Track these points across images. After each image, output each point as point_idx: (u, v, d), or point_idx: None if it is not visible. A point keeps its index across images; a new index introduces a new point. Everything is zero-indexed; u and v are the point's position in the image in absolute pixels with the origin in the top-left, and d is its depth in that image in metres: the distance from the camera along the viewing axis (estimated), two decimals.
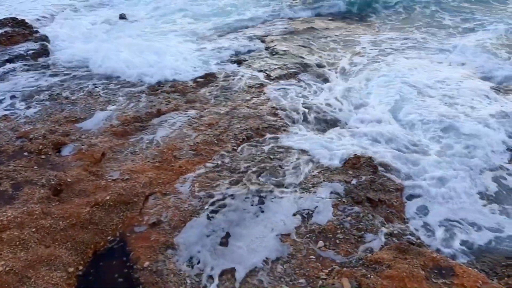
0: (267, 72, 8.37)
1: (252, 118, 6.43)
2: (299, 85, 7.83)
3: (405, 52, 9.57)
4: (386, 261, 3.71)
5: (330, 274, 3.65)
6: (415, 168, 5.42)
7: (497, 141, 5.93)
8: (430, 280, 3.50)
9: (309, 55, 9.45)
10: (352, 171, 5.26)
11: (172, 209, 4.58)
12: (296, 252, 3.98)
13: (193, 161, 5.41)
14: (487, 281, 3.53)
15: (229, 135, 5.95)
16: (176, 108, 6.83)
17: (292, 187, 4.95)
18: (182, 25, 12.45)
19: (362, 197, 4.76)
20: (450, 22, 12.07)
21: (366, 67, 8.78)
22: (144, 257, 3.95)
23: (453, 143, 5.91)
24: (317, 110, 6.91)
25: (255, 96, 7.30)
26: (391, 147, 5.92)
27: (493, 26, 11.30)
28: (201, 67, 8.78)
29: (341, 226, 4.30)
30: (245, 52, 9.88)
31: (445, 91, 7.44)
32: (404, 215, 4.70)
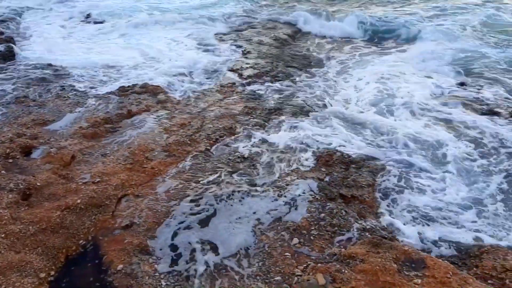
0: (239, 71, 8.37)
1: (225, 118, 6.42)
2: (272, 84, 7.88)
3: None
4: (360, 256, 3.77)
5: (305, 271, 3.68)
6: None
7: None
8: (402, 272, 3.58)
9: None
10: (325, 168, 5.32)
11: (146, 210, 4.52)
12: (272, 249, 4.00)
13: (166, 162, 5.36)
14: (457, 272, 3.63)
15: (202, 135, 5.93)
16: (147, 109, 6.75)
17: (266, 185, 4.97)
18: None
19: (335, 194, 4.82)
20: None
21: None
22: (118, 260, 3.89)
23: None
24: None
25: (228, 95, 7.29)
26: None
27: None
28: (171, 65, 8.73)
29: (315, 223, 4.34)
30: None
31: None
32: (376, 210, 4.78)
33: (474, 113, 6.85)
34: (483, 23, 11.41)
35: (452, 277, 3.51)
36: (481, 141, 6.08)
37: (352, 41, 10.93)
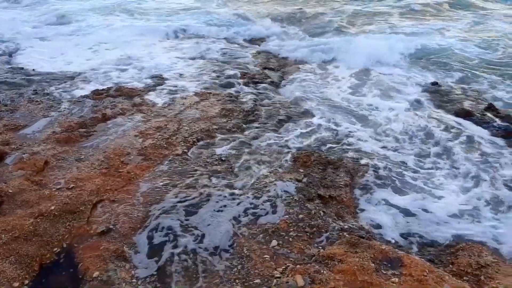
0: (217, 72, 8.34)
1: (202, 120, 6.37)
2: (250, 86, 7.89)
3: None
4: (338, 256, 3.78)
5: (284, 272, 3.67)
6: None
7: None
8: (380, 271, 3.60)
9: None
10: (302, 169, 5.33)
11: (122, 216, 4.44)
12: (250, 252, 3.98)
13: (142, 166, 5.29)
14: (433, 269, 3.67)
15: (179, 138, 5.87)
16: (122, 112, 6.65)
17: (244, 188, 4.94)
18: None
19: (313, 195, 4.83)
20: None
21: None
22: (93, 267, 3.80)
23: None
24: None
25: (205, 98, 7.24)
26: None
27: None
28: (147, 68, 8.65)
29: (293, 224, 4.33)
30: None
31: None
32: (354, 209, 4.82)
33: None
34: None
35: (428, 275, 3.55)
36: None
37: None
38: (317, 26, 12.48)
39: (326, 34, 11.76)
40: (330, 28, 12.18)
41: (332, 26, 12.29)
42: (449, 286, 3.44)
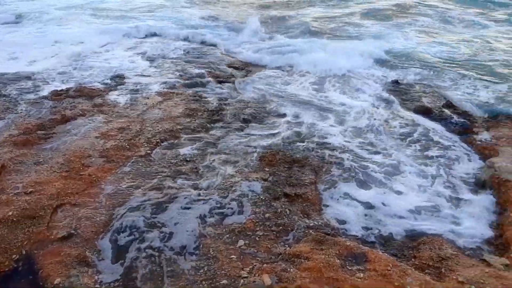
0: (180, 71, 8.24)
1: (166, 120, 6.28)
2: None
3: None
4: (304, 254, 3.81)
5: (251, 272, 3.66)
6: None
7: None
8: (346, 267, 3.65)
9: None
10: (268, 168, 5.34)
11: (84, 220, 4.31)
12: (217, 253, 3.94)
13: (104, 168, 5.16)
14: (396, 263, 3.76)
15: (142, 139, 5.76)
16: (82, 113, 6.48)
17: (210, 188, 4.90)
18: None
19: (279, 193, 4.85)
20: None
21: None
22: (55, 274, 3.67)
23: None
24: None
25: (168, 97, 7.14)
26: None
27: None
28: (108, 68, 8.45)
29: (260, 223, 4.33)
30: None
31: None
32: (319, 207, 4.86)
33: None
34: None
35: (392, 269, 3.63)
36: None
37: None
38: (283, 28, 12.55)
39: (292, 34, 11.85)
40: (296, 29, 12.28)
41: (299, 28, 12.38)
42: (412, 280, 3.53)
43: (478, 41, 11.39)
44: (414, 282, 3.50)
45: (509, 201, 4.63)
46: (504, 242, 4.17)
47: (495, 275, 3.62)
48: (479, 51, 10.68)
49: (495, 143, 5.76)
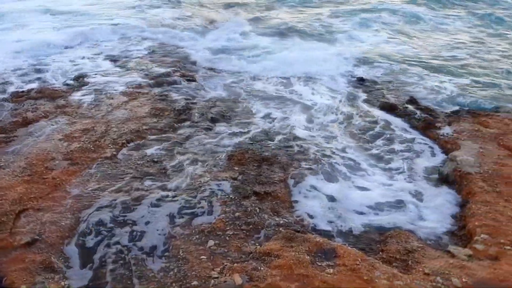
0: (144, 71, 8.11)
1: (132, 121, 6.16)
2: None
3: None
4: (275, 251, 3.82)
5: (222, 272, 3.64)
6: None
7: None
8: (316, 263, 3.68)
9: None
10: (237, 167, 5.33)
11: (49, 225, 4.19)
12: (187, 254, 3.91)
13: (69, 171, 5.02)
14: (365, 257, 3.82)
15: (107, 140, 5.64)
16: (45, 115, 6.28)
17: (179, 189, 4.85)
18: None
19: (249, 192, 4.84)
20: None
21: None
22: (19, 281, 3.55)
23: None
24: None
25: (133, 97, 7.01)
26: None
27: None
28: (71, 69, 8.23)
29: (230, 223, 4.32)
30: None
31: None
32: (289, 204, 4.89)
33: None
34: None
35: (361, 264, 3.68)
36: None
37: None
38: (255, 27, 12.52)
39: (263, 33, 11.86)
40: (268, 29, 12.31)
41: (270, 28, 12.41)
42: (380, 273, 3.60)
43: (441, 38, 11.76)
44: (382, 275, 3.57)
45: (471, 193, 4.78)
46: (467, 233, 4.30)
47: (459, 265, 3.73)
48: (443, 47, 11.02)
49: (457, 137, 5.94)
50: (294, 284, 3.43)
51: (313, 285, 3.42)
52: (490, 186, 4.80)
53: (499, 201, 4.55)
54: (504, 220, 4.26)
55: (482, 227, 4.22)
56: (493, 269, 3.68)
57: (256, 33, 11.57)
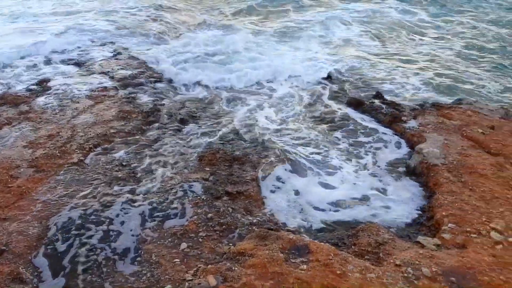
0: (110, 74, 7.94)
1: (98, 125, 6.03)
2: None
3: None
4: (248, 251, 3.82)
5: (196, 274, 3.62)
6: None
7: None
8: (289, 260, 3.70)
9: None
10: (209, 167, 5.30)
11: (15, 235, 4.08)
12: (159, 258, 3.86)
13: (35, 178, 4.89)
14: (337, 252, 3.86)
15: (74, 146, 5.51)
16: (8, 122, 6.08)
17: (149, 193, 4.78)
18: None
19: (221, 192, 4.83)
20: None
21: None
22: None
23: None
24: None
25: (99, 100, 6.87)
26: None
27: None
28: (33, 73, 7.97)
29: (203, 224, 4.29)
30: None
31: None
32: (261, 203, 4.90)
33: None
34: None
35: (334, 258, 3.72)
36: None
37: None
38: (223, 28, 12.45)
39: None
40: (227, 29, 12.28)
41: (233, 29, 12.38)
42: (353, 267, 3.65)
43: (408, 34, 12.02)
44: (355, 268, 3.62)
45: (437, 185, 4.90)
46: (435, 224, 4.42)
47: (428, 255, 3.83)
48: (409, 44, 11.26)
49: (422, 130, 6.07)
50: (268, 282, 3.44)
51: (287, 283, 3.44)
52: (455, 177, 4.94)
53: (464, 191, 4.69)
54: (470, 209, 4.39)
55: (449, 216, 4.34)
56: (461, 257, 3.79)
57: (226, 35, 11.51)
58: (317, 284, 3.43)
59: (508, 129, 5.92)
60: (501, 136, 5.73)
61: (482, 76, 9.19)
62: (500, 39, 11.72)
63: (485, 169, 4.99)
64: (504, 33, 12.16)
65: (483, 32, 12.30)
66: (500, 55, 10.58)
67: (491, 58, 10.34)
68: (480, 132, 5.83)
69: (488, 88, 8.58)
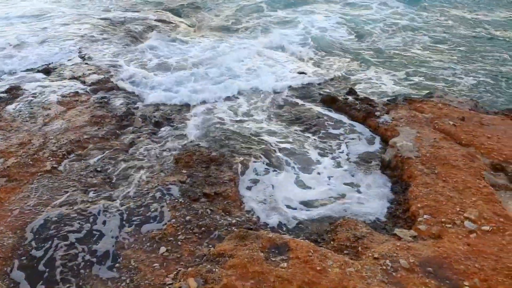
0: (81, 78, 7.79)
1: (71, 131, 5.91)
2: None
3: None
4: (228, 251, 3.81)
5: (176, 278, 3.60)
6: None
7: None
8: (270, 259, 3.71)
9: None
10: (185, 170, 5.26)
11: None
12: (138, 263, 3.82)
13: (7, 188, 4.77)
14: (317, 248, 3.89)
15: (46, 153, 5.38)
16: None
17: (125, 198, 4.71)
18: None
19: (198, 194, 4.80)
20: None
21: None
22: None
23: None
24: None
25: (71, 106, 6.72)
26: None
27: None
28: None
29: (181, 227, 4.26)
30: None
31: None
32: (240, 203, 4.90)
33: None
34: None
35: (313, 255, 3.75)
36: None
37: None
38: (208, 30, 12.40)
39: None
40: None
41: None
42: (332, 262, 3.68)
43: (380, 29, 12.21)
44: (334, 264, 3.66)
45: (412, 177, 5.00)
46: (410, 216, 4.50)
47: (405, 247, 3.90)
48: (380, 39, 11.43)
49: (396, 124, 6.18)
50: (249, 282, 3.44)
51: (268, 281, 3.45)
52: (428, 169, 5.04)
53: (438, 182, 4.79)
54: (444, 199, 4.49)
55: (424, 208, 4.43)
56: (437, 248, 3.87)
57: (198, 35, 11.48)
58: (298, 281, 3.45)
59: (478, 120, 6.08)
60: (471, 127, 5.88)
61: (453, 68, 9.41)
62: (474, 31, 12.02)
63: (457, 160, 5.11)
64: (477, 26, 12.48)
65: (455, 24, 12.63)
66: (471, 48, 10.85)
67: (461, 51, 10.60)
68: (451, 124, 5.97)
69: (458, 80, 8.79)
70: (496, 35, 11.82)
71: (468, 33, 11.93)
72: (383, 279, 3.53)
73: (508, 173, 5.00)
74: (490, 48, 10.76)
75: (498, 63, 9.77)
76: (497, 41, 11.36)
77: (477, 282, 3.50)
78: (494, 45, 11.02)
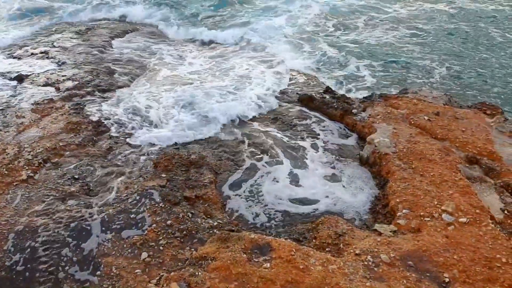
0: (56, 85, 7.62)
1: (46, 139, 5.79)
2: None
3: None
4: (211, 254, 3.80)
5: (159, 283, 3.57)
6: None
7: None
8: (252, 260, 3.72)
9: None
10: (165, 173, 5.22)
11: None
12: (120, 270, 3.77)
13: None
14: (299, 247, 3.91)
15: (22, 162, 5.26)
16: None
17: (104, 205, 4.64)
18: None
19: (179, 198, 4.76)
20: None
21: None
22: None
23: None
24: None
25: (46, 113, 6.57)
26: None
27: None
28: None
29: (162, 232, 4.22)
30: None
31: None
32: (221, 205, 4.90)
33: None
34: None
35: (296, 254, 3.78)
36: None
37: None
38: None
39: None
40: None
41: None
42: (315, 260, 3.71)
43: (359, 25, 12.35)
44: (317, 262, 3.69)
45: (390, 173, 5.07)
46: (390, 211, 4.57)
47: (386, 242, 3.95)
48: (360, 35, 11.55)
49: (372, 121, 6.25)
50: (233, 284, 3.44)
51: (252, 282, 3.45)
52: (406, 164, 5.12)
53: (415, 177, 4.87)
54: (421, 194, 4.57)
55: (402, 202, 4.50)
56: (416, 241, 3.94)
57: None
58: (281, 280, 3.47)
59: (452, 114, 6.20)
60: (446, 121, 5.99)
61: (429, 63, 9.58)
62: (452, 27, 12.24)
63: (433, 155, 5.21)
64: (457, 22, 12.71)
65: (433, 17, 12.86)
66: (450, 42, 11.04)
67: (440, 45, 10.79)
68: (426, 119, 6.07)
69: (433, 75, 8.96)
70: (480, 27, 12.04)
71: (448, 26, 12.14)
72: (365, 275, 3.57)
73: (483, 165, 5.12)
74: (471, 44, 10.97)
75: (476, 56, 9.98)
76: (477, 33, 11.59)
77: (456, 273, 3.58)
78: (474, 38, 11.24)
